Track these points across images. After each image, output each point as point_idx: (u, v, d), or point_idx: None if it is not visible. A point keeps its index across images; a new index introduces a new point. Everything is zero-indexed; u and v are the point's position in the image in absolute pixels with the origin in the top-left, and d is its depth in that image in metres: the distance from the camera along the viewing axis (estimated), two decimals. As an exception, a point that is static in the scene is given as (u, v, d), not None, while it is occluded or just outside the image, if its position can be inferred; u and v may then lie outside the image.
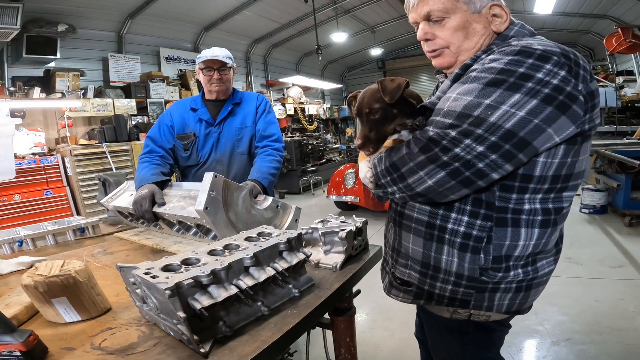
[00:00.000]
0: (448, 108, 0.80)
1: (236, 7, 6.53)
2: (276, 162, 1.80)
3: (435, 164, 0.80)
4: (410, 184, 0.85)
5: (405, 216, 0.96)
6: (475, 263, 0.86)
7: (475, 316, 0.95)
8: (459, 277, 0.89)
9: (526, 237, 0.85)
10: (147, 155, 1.79)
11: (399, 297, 1.02)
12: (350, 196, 5.24)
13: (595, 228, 4.21)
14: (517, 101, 0.74)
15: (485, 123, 0.75)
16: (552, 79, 0.74)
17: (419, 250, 0.93)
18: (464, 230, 0.86)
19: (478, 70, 0.80)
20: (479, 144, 0.76)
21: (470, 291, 0.89)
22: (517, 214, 0.84)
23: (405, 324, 2.44)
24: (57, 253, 1.49)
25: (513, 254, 0.86)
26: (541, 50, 0.76)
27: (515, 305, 0.92)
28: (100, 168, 4.53)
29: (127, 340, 0.79)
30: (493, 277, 0.87)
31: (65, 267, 0.88)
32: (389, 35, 9.66)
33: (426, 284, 0.94)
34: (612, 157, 4.04)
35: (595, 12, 7.26)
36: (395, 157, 0.86)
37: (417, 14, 0.92)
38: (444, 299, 0.93)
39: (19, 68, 4.67)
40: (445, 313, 0.98)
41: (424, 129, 0.83)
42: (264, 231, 0.99)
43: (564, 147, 0.79)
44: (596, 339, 2.16)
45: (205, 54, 1.83)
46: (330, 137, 10.42)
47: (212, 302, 0.72)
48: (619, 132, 6.31)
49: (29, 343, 0.69)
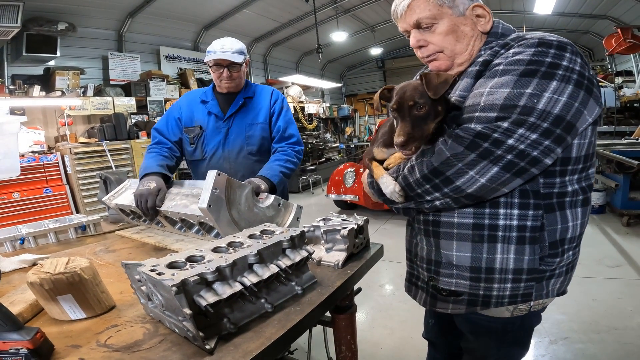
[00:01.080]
0: (486, 102, 0.79)
1: (236, 6, 6.53)
2: (291, 162, 1.73)
3: (487, 159, 0.78)
4: (460, 186, 0.82)
5: (443, 224, 0.93)
6: (535, 253, 0.87)
7: (535, 307, 0.95)
8: (517, 272, 0.88)
9: (573, 218, 0.88)
10: (155, 146, 1.76)
11: (449, 309, 0.98)
12: (349, 195, 5.25)
13: (594, 228, 4.23)
14: (557, 88, 0.77)
15: (535, 111, 0.76)
16: (575, 66, 0.79)
17: (466, 256, 0.91)
18: (518, 224, 0.86)
19: (505, 64, 0.82)
20: (533, 131, 0.76)
21: (531, 284, 0.90)
22: (561, 197, 0.86)
23: (405, 323, 2.46)
24: (59, 251, 1.49)
25: (566, 236, 0.88)
26: (556, 41, 0.81)
27: (563, 286, 0.95)
28: (100, 166, 4.53)
29: (133, 337, 0.79)
30: (551, 263, 0.89)
31: (70, 264, 0.88)
32: (389, 34, 9.65)
33: (480, 288, 0.91)
34: (610, 157, 4.05)
35: (594, 12, 7.28)
36: (437, 162, 0.82)
37: (406, 23, 0.94)
38: (504, 299, 0.91)
39: (19, 66, 4.67)
40: (505, 313, 0.95)
41: (464, 127, 0.81)
42: (267, 229, 1.00)
43: (592, 127, 0.84)
44: (594, 338, 2.17)
45: (214, 49, 1.71)
46: (330, 136, 10.43)
47: (217, 298, 0.73)
48: (617, 132, 6.32)
49: (36, 340, 0.70)
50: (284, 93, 8.67)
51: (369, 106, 11.88)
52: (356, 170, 5.41)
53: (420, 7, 0.90)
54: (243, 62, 1.74)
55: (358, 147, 8.86)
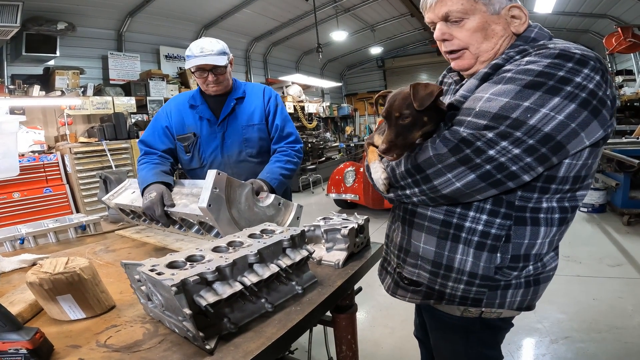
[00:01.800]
0: (481, 108, 0.78)
1: (236, 5, 6.51)
2: (292, 163, 1.70)
3: (466, 165, 0.78)
4: (436, 186, 0.83)
5: (418, 214, 0.94)
6: (491, 262, 0.86)
7: (486, 314, 0.95)
8: (472, 276, 0.88)
9: (544, 235, 0.86)
10: (144, 157, 1.70)
11: (407, 297, 1.00)
12: (349, 194, 5.24)
13: (594, 227, 4.23)
14: (557, 105, 0.74)
15: (524, 126, 0.74)
16: (589, 84, 0.75)
17: (430, 250, 0.92)
18: (482, 229, 0.86)
19: (514, 72, 0.79)
20: (516, 146, 0.75)
21: (483, 290, 0.89)
22: (535, 212, 0.84)
23: (405, 322, 2.45)
24: (58, 251, 1.49)
25: (531, 252, 0.87)
26: (579, 55, 0.77)
27: (526, 301, 0.93)
28: (99, 166, 4.53)
29: (132, 337, 0.79)
30: (507, 275, 0.88)
31: (69, 264, 0.88)
32: (389, 33, 9.65)
33: (437, 283, 0.93)
34: (611, 156, 4.05)
35: (595, 11, 7.27)
36: (420, 159, 0.83)
37: (434, 14, 0.90)
38: (455, 298, 0.92)
39: (19, 66, 4.66)
40: (455, 312, 0.97)
41: (453, 129, 0.81)
42: (267, 228, 1.00)
43: (589, 149, 0.80)
44: (595, 337, 2.17)
45: (193, 52, 1.60)
46: (330, 135, 10.42)
47: (217, 298, 0.73)
48: (617, 131, 6.31)
49: (36, 341, 0.69)
50: (284, 92, 8.67)
51: (369, 105, 11.87)
52: (356, 169, 5.41)
53: (453, 0, 0.86)
54: (227, 63, 1.66)
55: (358, 146, 8.85)
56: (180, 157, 1.81)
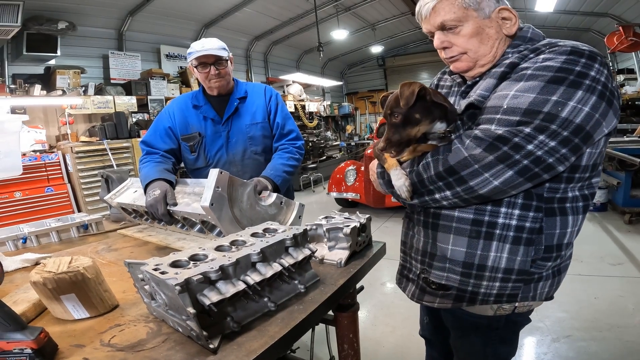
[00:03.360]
0: (509, 105, 0.80)
1: (237, 4, 6.50)
2: (294, 160, 1.73)
3: (504, 163, 0.79)
4: (472, 186, 0.82)
5: (443, 216, 0.94)
6: (528, 255, 0.88)
7: (519, 308, 0.95)
8: (508, 272, 0.89)
9: (573, 224, 0.90)
10: (146, 157, 1.72)
11: (435, 302, 0.99)
12: (350, 193, 5.25)
13: (595, 225, 4.22)
14: (582, 97, 0.77)
15: (558, 119, 0.77)
16: (601, 77, 0.79)
17: (461, 251, 0.92)
18: (517, 224, 0.87)
19: (533, 69, 0.82)
20: (553, 139, 0.77)
21: (518, 285, 0.91)
22: (562, 202, 0.87)
23: (407, 321, 2.46)
24: (61, 250, 1.49)
25: (563, 241, 0.90)
26: (588, 51, 0.81)
27: (552, 291, 0.96)
28: (101, 165, 4.53)
29: (136, 336, 0.80)
30: (542, 267, 0.90)
31: (73, 263, 0.88)
32: (390, 32, 9.62)
33: (469, 284, 0.93)
34: (612, 154, 4.04)
35: (596, 10, 7.24)
36: (453, 161, 0.83)
37: (430, 25, 0.94)
38: (490, 297, 0.92)
39: (20, 65, 4.66)
40: (488, 311, 0.96)
41: (483, 128, 0.81)
42: (270, 227, 1.00)
43: (605, 137, 0.85)
44: (596, 336, 2.17)
45: (195, 48, 1.65)
46: (331, 134, 10.41)
47: (220, 297, 0.73)
48: (619, 130, 6.29)
49: (40, 340, 0.70)
50: (285, 91, 8.66)
51: (369, 104, 11.86)
52: (357, 168, 5.41)
53: (445, 10, 0.90)
54: (228, 57, 1.70)
55: (359, 145, 8.84)
56: (185, 157, 1.83)
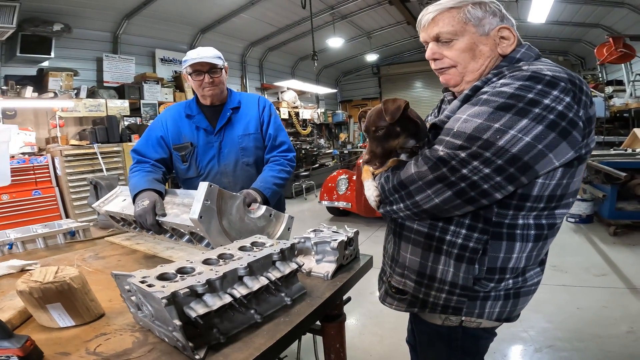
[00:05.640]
0: (458, 129, 0.83)
1: (233, 10, 6.54)
2: (285, 172, 1.73)
3: (443, 183, 0.83)
4: (418, 201, 0.88)
5: (406, 227, 1.00)
6: (469, 273, 0.91)
7: (466, 322, 0.99)
8: (453, 285, 0.93)
9: (520, 250, 0.90)
10: (136, 165, 1.70)
11: (393, 305, 1.06)
12: (342, 202, 5.27)
13: (581, 237, 4.31)
14: (525, 126, 0.77)
15: (493, 147, 0.78)
16: (558, 105, 0.77)
17: (416, 260, 0.97)
18: (461, 242, 0.91)
19: (489, 94, 0.83)
20: (486, 166, 0.79)
21: (463, 299, 0.94)
22: (511, 228, 0.89)
23: (395, 330, 2.47)
24: (47, 257, 1.48)
25: (507, 266, 0.91)
26: (550, 77, 0.80)
27: (505, 313, 0.97)
28: (90, 169, 4.48)
29: (122, 345, 0.80)
30: (485, 286, 0.93)
31: (59, 273, 0.89)
32: (385, 41, 9.75)
33: (421, 292, 0.98)
34: (598, 168, 4.13)
35: (587, 21, 7.38)
36: (404, 176, 0.89)
37: (427, 35, 0.96)
38: (437, 306, 0.97)
39: (13, 67, 4.62)
40: (437, 320, 1.02)
41: (433, 148, 0.86)
42: (258, 241, 1.01)
43: (562, 170, 0.84)
44: (578, 346, 2.21)
45: (190, 56, 1.66)
46: (324, 142, 10.47)
47: (207, 310, 0.74)
48: (606, 142, 6.41)
49: (26, 348, 0.70)
50: (279, 98, 8.70)
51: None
52: (349, 177, 5.43)
53: (444, 21, 0.91)
54: (222, 66, 1.71)
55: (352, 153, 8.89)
56: (176, 167, 1.82)
